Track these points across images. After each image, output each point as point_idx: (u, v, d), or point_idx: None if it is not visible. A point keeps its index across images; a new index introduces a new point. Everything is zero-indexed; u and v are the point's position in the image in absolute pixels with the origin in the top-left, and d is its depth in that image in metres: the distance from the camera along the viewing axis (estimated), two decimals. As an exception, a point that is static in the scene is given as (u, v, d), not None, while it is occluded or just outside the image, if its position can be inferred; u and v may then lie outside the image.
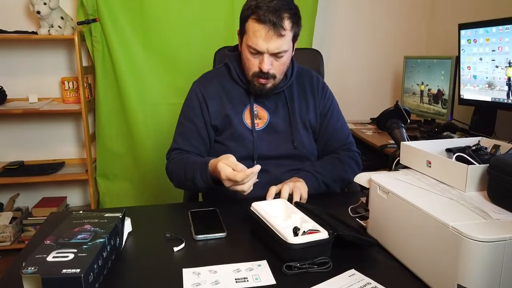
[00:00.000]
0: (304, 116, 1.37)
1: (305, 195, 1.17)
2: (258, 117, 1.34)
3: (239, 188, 1.07)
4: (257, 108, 1.34)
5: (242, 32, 1.26)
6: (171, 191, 2.36)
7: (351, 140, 1.43)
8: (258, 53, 1.22)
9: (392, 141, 1.78)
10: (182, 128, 1.36)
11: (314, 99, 1.40)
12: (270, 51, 1.20)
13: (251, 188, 1.08)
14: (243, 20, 1.24)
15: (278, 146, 1.33)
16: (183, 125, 1.36)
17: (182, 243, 0.94)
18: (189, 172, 1.22)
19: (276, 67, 1.25)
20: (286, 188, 1.15)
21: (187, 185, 1.24)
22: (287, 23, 1.19)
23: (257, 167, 1.06)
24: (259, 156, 1.31)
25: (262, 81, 1.26)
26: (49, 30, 2.16)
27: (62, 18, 2.19)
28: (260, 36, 1.18)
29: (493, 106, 1.89)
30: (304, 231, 0.89)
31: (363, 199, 1.12)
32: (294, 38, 1.26)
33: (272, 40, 1.19)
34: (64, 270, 0.68)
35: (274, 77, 1.26)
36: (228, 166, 1.07)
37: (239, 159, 1.17)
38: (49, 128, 2.50)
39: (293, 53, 1.32)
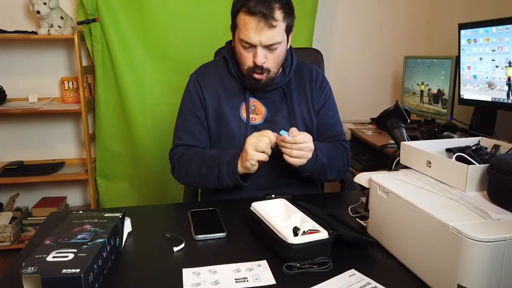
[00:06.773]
0: (305, 113, 1.34)
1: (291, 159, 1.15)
2: (255, 112, 1.31)
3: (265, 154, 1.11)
4: (254, 103, 1.32)
5: (233, 26, 1.24)
6: (171, 191, 2.39)
7: (345, 138, 1.39)
8: (251, 46, 1.19)
9: (392, 141, 1.78)
10: (185, 123, 1.33)
11: (312, 95, 1.36)
12: (263, 43, 1.18)
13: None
14: (234, 15, 1.22)
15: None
16: (185, 120, 1.33)
17: (182, 243, 0.94)
18: (211, 168, 1.20)
19: (270, 61, 1.22)
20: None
21: (206, 180, 1.22)
22: (278, 14, 1.16)
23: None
24: None
25: (257, 76, 1.23)
26: (48, 30, 2.16)
27: (62, 18, 2.19)
28: (251, 28, 1.16)
29: (493, 106, 1.89)
30: (304, 231, 0.89)
31: (363, 199, 1.12)
32: (288, 30, 1.23)
33: (264, 32, 1.16)
34: (64, 270, 0.68)
35: (268, 71, 1.24)
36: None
37: None
38: (49, 128, 2.50)
39: (289, 45, 1.29)
